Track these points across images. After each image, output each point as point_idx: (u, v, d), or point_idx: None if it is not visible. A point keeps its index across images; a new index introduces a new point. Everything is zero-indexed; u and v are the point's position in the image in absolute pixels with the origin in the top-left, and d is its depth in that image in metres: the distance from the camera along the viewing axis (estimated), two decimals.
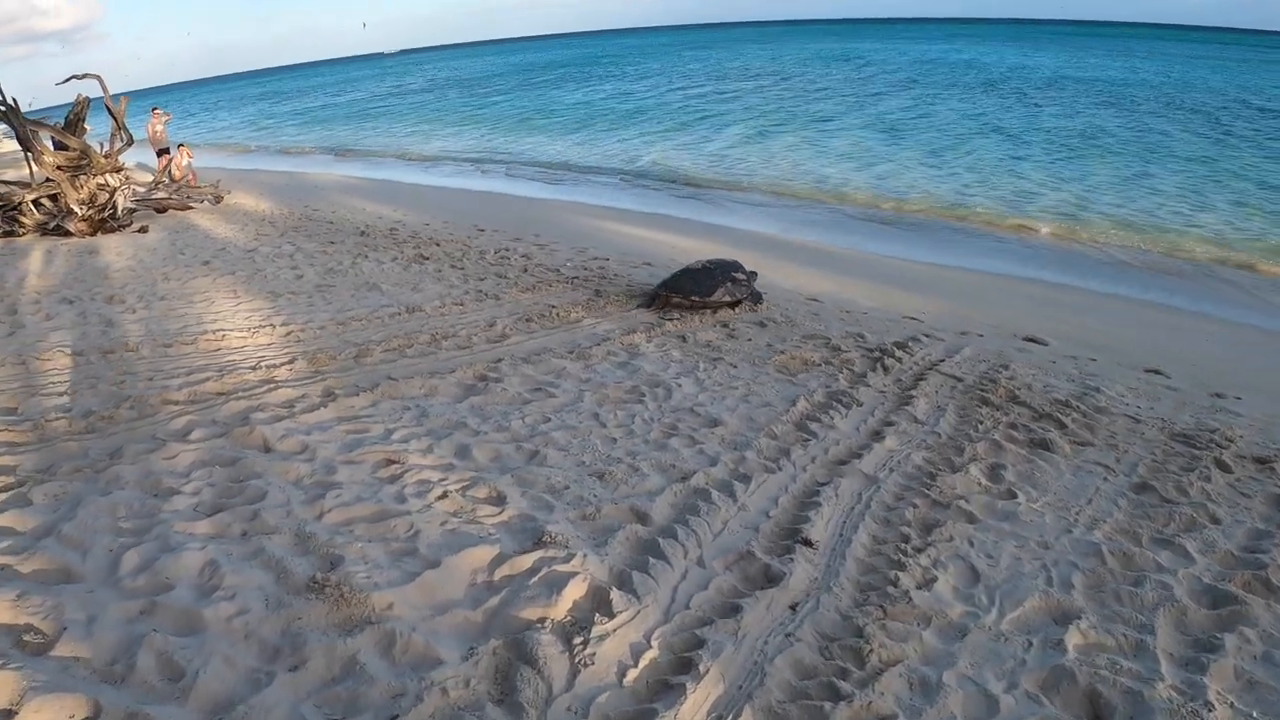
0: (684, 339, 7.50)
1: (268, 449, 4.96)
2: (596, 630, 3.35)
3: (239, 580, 3.58)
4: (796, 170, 20.56)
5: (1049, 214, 15.31)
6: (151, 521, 4.07)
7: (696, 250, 11.28)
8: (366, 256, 10.92)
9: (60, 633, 3.15)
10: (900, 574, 3.90)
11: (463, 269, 10.18)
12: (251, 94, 78.91)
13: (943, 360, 6.98)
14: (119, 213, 13.77)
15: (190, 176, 17.66)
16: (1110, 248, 13.11)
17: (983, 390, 6.31)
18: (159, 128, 18.91)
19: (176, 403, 5.70)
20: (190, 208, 15.85)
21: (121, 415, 5.46)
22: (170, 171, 17.50)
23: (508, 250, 11.31)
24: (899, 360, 6.91)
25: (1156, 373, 6.91)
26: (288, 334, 7.44)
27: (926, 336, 7.63)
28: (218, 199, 16.59)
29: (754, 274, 8.89)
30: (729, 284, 8.46)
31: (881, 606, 3.67)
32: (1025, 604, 3.74)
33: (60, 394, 5.91)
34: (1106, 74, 46.00)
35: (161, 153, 18.76)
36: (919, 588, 3.82)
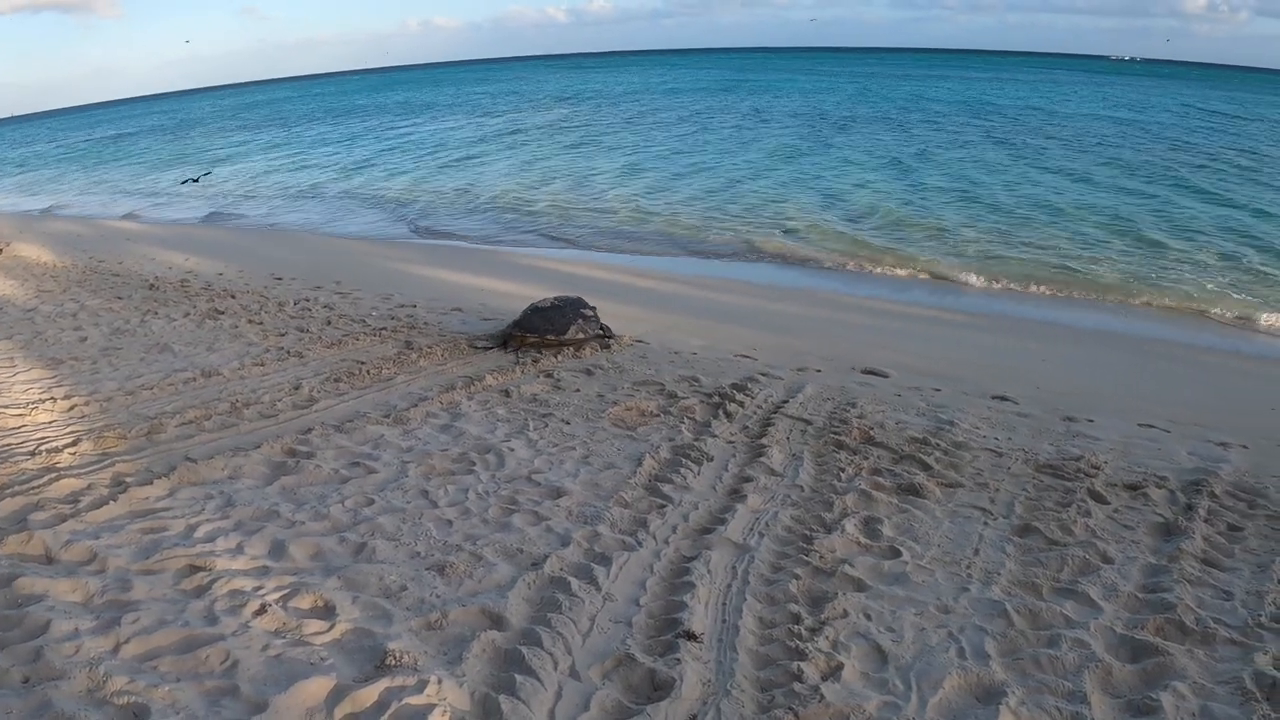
0: (507, 394, 6.79)
1: (50, 559, 4.09)
2: None
3: None
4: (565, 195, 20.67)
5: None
6: None
7: (504, 291, 10.78)
8: (156, 313, 9.74)
9: None
10: (802, 664, 3.36)
11: (261, 324, 9.17)
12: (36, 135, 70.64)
13: (786, 401, 6.58)
14: None
15: None
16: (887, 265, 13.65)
17: (835, 433, 5.94)
18: None
19: None
20: None
21: None
22: None
23: (309, 300, 10.32)
24: (741, 405, 6.47)
25: (1004, 399, 6.82)
26: (71, 408, 6.48)
27: (764, 376, 7.24)
28: None
29: (593, 309, 8.64)
30: (580, 320, 8.34)
31: (791, 709, 3.12)
32: (944, 684, 3.31)
33: None
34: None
35: None
36: (826, 679, 3.30)
